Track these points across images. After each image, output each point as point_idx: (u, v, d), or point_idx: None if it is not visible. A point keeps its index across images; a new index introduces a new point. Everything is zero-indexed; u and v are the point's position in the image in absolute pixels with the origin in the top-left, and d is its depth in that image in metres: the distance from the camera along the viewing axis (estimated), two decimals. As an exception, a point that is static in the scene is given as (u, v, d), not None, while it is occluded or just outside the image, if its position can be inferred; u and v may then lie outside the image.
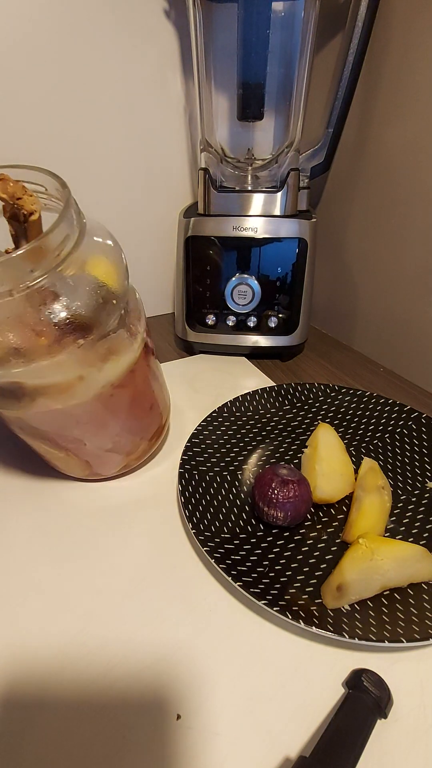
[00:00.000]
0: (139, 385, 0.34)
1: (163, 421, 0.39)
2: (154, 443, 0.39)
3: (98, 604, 0.28)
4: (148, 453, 0.39)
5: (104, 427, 0.33)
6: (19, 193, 0.26)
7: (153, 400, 0.37)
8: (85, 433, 0.32)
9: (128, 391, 0.33)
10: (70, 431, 0.32)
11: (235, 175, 0.53)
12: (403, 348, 0.52)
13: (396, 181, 0.47)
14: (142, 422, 0.36)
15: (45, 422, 0.31)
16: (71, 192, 0.26)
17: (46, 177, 0.27)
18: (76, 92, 0.49)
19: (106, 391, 0.30)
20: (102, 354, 0.29)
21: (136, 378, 0.33)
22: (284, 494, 0.31)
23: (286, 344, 0.54)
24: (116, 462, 0.37)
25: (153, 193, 0.59)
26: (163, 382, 0.40)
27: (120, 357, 0.30)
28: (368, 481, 0.34)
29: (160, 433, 0.39)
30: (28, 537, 0.33)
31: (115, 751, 0.22)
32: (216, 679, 0.25)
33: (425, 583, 0.28)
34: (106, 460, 0.36)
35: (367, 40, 0.43)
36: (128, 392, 0.33)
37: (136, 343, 0.32)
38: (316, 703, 0.24)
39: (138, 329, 0.32)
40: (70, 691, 0.24)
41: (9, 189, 0.26)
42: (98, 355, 0.29)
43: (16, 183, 0.26)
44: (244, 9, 0.42)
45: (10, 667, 0.25)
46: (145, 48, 0.50)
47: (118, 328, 0.29)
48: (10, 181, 0.26)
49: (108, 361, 0.30)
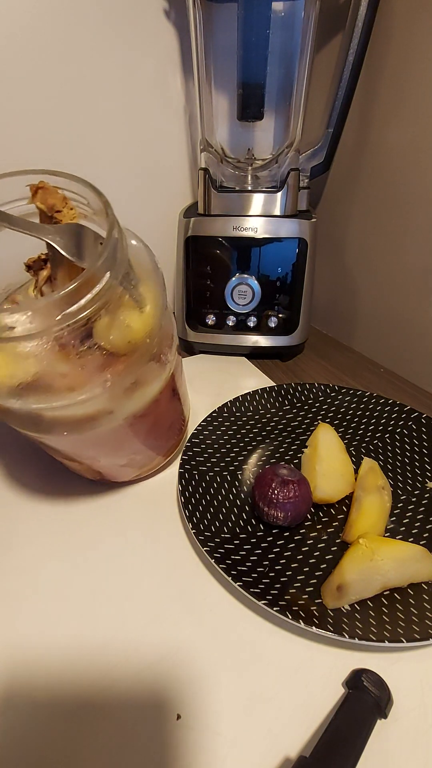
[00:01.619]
0: (161, 411, 0.32)
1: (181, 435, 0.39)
2: (169, 456, 0.39)
3: (98, 604, 0.28)
4: (162, 464, 0.39)
5: (120, 449, 0.32)
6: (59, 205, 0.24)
7: (173, 420, 0.36)
8: (100, 452, 0.32)
9: (150, 419, 0.31)
10: (85, 451, 0.31)
11: (235, 175, 0.53)
12: (404, 348, 0.52)
13: (396, 180, 0.46)
14: (159, 441, 0.36)
15: (61, 444, 0.30)
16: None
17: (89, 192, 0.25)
18: (77, 93, 0.49)
19: (126, 422, 0.29)
20: (128, 389, 0.27)
21: (159, 406, 0.31)
22: (284, 494, 0.31)
23: (286, 344, 0.54)
24: (129, 473, 0.36)
25: (153, 193, 0.59)
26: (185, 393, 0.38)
27: (146, 389, 0.28)
28: (368, 481, 0.34)
29: (176, 446, 0.39)
30: (29, 537, 0.33)
31: (115, 751, 0.22)
32: (216, 679, 0.25)
33: (425, 583, 0.28)
34: (119, 472, 0.36)
35: (367, 40, 0.43)
36: (149, 420, 0.31)
37: (164, 373, 0.30)
38: (316, 703, 0.24)
39: (168, 358, 0.30)
40: (70, 691, 0.24)
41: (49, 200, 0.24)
42: (124, 391, 0.27)
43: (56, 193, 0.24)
44: (244, 9, 0.42)
45: (11, 667, 0.25)
46: (146, 48, 0.50)
47: (148, 361, 0.27)
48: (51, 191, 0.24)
49: (133, 396, 0.27)
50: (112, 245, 0.23)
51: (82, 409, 0.26)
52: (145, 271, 0.27)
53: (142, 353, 0.26)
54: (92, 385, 0.24)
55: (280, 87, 0.50)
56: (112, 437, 0.30)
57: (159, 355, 0.29)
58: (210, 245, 0.51)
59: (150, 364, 0.28)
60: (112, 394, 0.26)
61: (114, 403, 0.27)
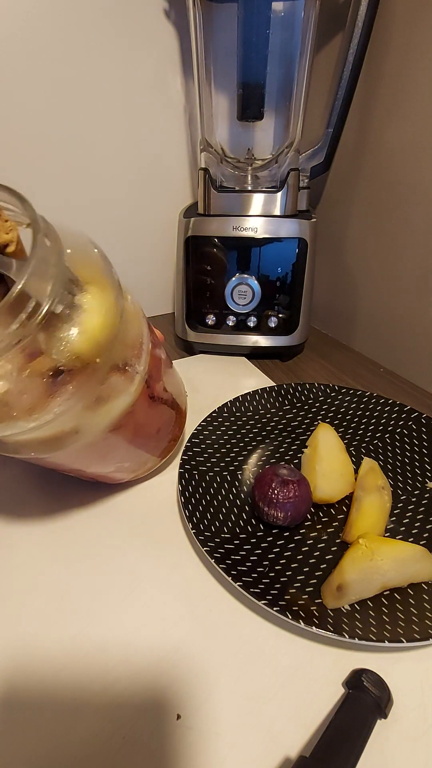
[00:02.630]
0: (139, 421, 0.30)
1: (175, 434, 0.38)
2: (165, 456, 0.38)
3: (98, 604, 0.28)
4: (158, 465, 0.38)
5: (104, 459, 0.31)
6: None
7: (161, 424, 0.34)
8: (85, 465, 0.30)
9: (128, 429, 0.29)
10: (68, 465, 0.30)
11: (235, 175, 0.53)
12: (404, 348, 0.52)
13: (396, 180, 0.47)
14: (148, 446, 0.34)
15: (38, 461, 0.28)
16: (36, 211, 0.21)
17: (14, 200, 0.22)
18: (77, 93, 0.49)
19: (100, 437, 0.27)
20: (88, 407, 0.24)
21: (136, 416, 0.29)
22: (284, 494, 0.31)
23: (286, 344, 0.54)
24: (123, 477, 0.36)
25: (153, 193, 0.59)
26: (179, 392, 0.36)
27: (113, 403, 0.26)
28: (368, 481, 0.34)
29: (172, 447, 0.38)
30: (28, 537, 0.33)
31: (115, 751, 0.22)
32: (216, 679, 0.25)
33: (425, 583, 0.28)
34: (112, 477, 0.35)
35: (367, 40, 0.43)
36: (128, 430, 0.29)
37: (133, 386, 0.27)
38: (316, 703, 0.24)
39: (137, 369, 0.27)
40: (70, 690, 0.24)
41: None
42: (84, 410, 0.24)
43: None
44: (244, 9, 0.42)
45: (11, 666, 0.25)
46: (146, 48, 0.50)
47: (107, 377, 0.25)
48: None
49: (99, 412, 0.25)
50: (40, 258, 0.20)
51: (40, 433, 0.24)
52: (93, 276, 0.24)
53: (94, 370, 0.24)
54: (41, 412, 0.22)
55: (280, 87, 0.50)
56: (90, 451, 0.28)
57: (124, 368, 0.26)
58: (210, 245, 0.51)
59: (113, 378, 0.25)
60: (69, 416, 0.24)
61: (77, 422, 0.25)
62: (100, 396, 0.25)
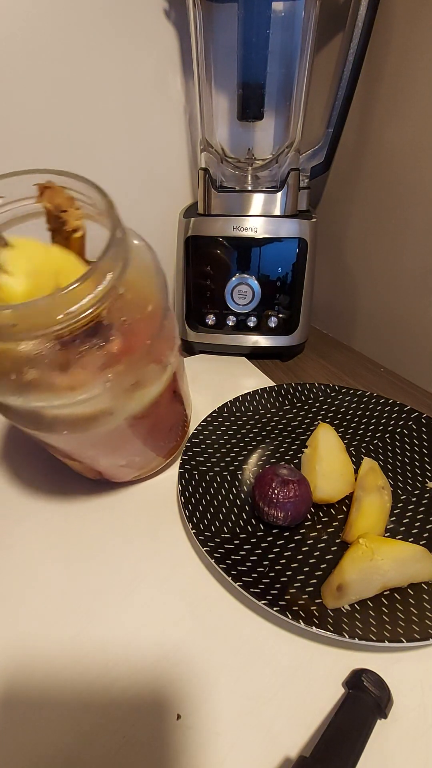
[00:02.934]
0: (161, 413, 0.32)
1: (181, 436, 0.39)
2: (169, 457, 0.39)
3: (98, 604, 0.28)
4: (162, 465, 0.39)
5: (120, 450, 0.32)
6: (65, 205, 0.24)
7: (174, 422, 0.36)
8: (99, 453, 0.32)
9: (149, 420, 0.31)
10: (85, 451, 0.31)
11: (235, 175, 0.53)
12: (404, 348, 0.52)
13: (396, 180, 0.46)
14: (159, 443, 0.36)
15: (61, 443, 0.30)
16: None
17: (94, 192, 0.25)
18: (77, 93, 0.49)
19: (126, 423, 0.29)
20: (128, 390, 0.27)
21: (159, 407, 0.31)
22: (284, 494, 0.31)
23: (286, 344, 0.54)
24: (128, 474, 0.36)
25: (153, 193, 0.59)
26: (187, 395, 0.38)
27: (147, 390, 0.28)
28: (368, 481, 0.34)
29: (177, 448, 0.39)
30: (29, 536, 0.33)
31: (115, 751, 0.22)
32: (216, 679, 0.25)
33: (425, 583, 0.28)
34: (118, 472, 0.36)
35: (367, 40, 0.43)
36: (149, 421, 0.31)
37: (165, 375, 0.30)
38: (316, 703, 0.24)
39: (169, 359, 0.30)
40: (70, 690, 0.24)
41: (55, 200, 0.24)
42: (124, 391, 0.27)
43: (63, 193, 0.24)
44: (244, 9, 0.42)
45: (11, 666, 0.25)
46: (145, 48, 0.50)
47: (148, 362, 0.27)
48: (57, 191, 0.24)
49: (134, 397, 0.28)
50: (115, 245, 0.23)
51: (82, 409, 0.26)
52: (146, 271, 0.27)
53: (143, 354, 0.26)
54: (93, 385, 0.25)
55: (280, 87, 0.50)
56: (111, 438, 0.30)
57: (160, 357, 0.28)
58: (210, 245, 0.51)
59: (150, 366, 0.28)
60: (112, 394, 0.26)
61: (114, 404, 0.27)
62: (139, 381, 0.27)
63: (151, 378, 0.28)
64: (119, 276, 0.23)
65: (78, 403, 0.25)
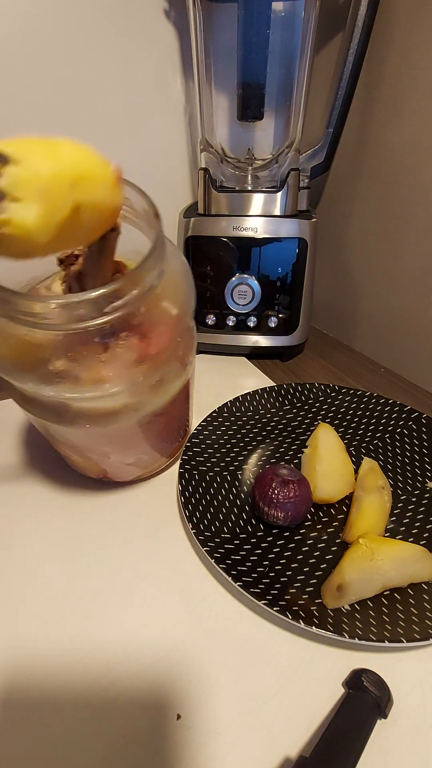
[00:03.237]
0: (175, 412, 0.34)
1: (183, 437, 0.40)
2: (171, 457, 0.39)
3: (98, 604, 0.28)
4: (164, 465, 0.39)
5: (132, 447, 0.33)
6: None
7: (181, 422, 0.37)
8: (112, 450, 0.32)
9: (165, 417, 0.32)
10: (99, 447, 0.32)
11: (235, 175, 0.53)
12: (404, 348, 0.52)
13: (396, 180, 0.46)
14: (166, 443, 0.37)
15: (78, 437, 0.30)
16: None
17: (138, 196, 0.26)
18: (77, 93, 0.49)
19: (145, 419, 0.30)
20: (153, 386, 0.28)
21: (175, 406, 0.32)
22: (284, 494, 0.31)
23: (286, 344, 0.54)
24: (132, 473, 0.37)
25: (153, 193, 0.58)
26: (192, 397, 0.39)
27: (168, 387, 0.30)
28: (368, 481, 0.34)
29: (179, 449, 0.39)
30: (29, 535, 0.33)
31: (115, 751, 0.22)
32: (216, 679, 0.25)
33: (425, 583, 0.28)
34: (123, 471, 0.36)
35: (367, 40, 0.43)
36: (165, 419, 0.32)
37: (185, 374, 0.31)
38: (316, 703, 0.24)
39: (189, 359, 0.32)
40: (70, 690, 0.24)
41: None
42: (150, 387, 0.28)
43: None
44: (244, 9, 0.42)
45: (11, 666, 0.25)
46: (145, 48, 0.50)
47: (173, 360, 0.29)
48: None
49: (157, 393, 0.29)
50: (158, 248, 0.25)
51: (109, 403, 0.27)
52: (178, 273, 0.29)
53: (172, 351, 0.28)
54: (125, 379, 0.26)
55: (280, 87, 0.50)
56: (127, 435, 0.31)
57: (183, 356, 0.30)
58: (210, 245, 0.50)
59: (175, 363, 0.29)
60: (140, 389, 0.27)
61: (139, 399, 0.28)
62: (163, 378, 0.29)
63: (173, 375, 0.30)
64: (158, 276, 0.25)
65: (107, 397, 0.26)
